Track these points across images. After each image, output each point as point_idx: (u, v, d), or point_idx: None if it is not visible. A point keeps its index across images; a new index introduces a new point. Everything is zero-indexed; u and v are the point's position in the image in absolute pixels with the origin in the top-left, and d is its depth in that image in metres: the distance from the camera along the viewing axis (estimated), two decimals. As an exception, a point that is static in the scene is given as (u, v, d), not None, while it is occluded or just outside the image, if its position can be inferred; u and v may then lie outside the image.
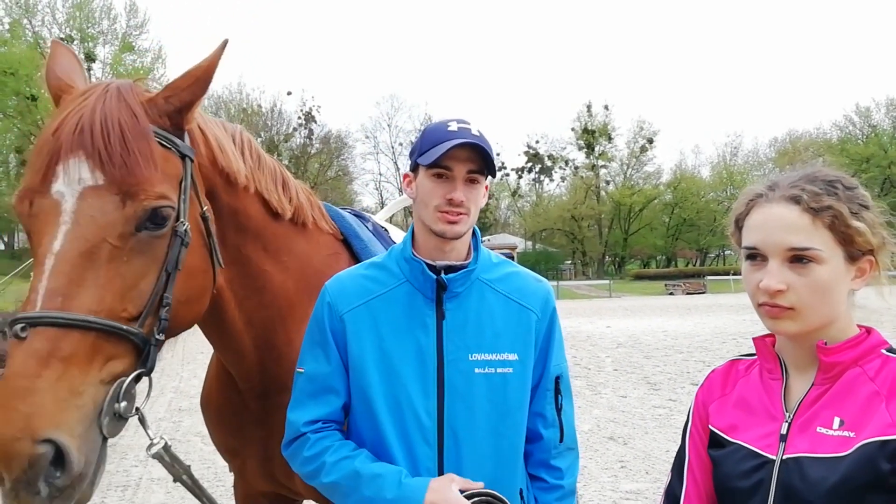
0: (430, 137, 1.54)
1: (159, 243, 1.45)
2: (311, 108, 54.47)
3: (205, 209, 1.60)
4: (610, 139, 63.57)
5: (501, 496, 1.46)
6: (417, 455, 1.51)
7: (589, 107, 63.81)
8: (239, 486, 2.25)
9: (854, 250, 1.16)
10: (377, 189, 61.00)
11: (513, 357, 1.56)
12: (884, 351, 1.18)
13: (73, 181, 1.38)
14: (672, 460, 1.43)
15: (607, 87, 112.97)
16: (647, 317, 20.95)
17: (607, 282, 42.69)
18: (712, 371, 1.41)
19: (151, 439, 1.50)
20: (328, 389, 1.57)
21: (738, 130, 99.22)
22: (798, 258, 1.15)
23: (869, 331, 1.21)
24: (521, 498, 1.59)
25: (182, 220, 1.49)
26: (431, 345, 1.54)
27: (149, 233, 1.42)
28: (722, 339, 13.94)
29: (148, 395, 1.49)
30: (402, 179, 1.69)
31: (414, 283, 1.57)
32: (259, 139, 53.57)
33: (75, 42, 38.93)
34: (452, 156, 1.50)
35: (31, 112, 37.22)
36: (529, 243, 62.80)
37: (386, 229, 2.55)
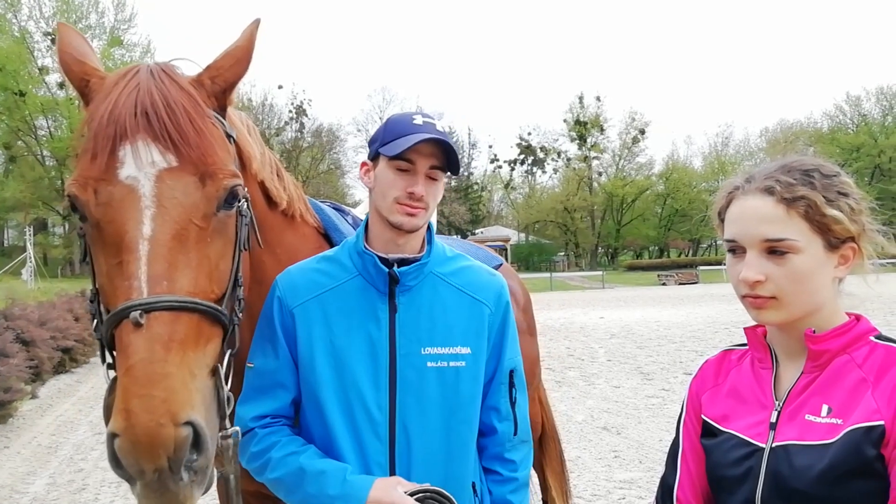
0: (394, 129, 1.53)
1: (231, 223, 1.46)
2: (302, 102, 54.25)
3: (246, 190, 1.59)
4: (602, 130, 63.65)
5: (447, 494, 1.44)
6: (368, 450, 1.50)
7: (581, 98, 63.90)
8: (223, 484, 2.24)
9: (833, 238, 1.16)
10: (369, 182, 60.67)
11: (465, 350, 1.56)
12: (872, 338, 1.18)
13: (144, 165, 1.35)
14: (665, 449, 1.44)
15: (599, 79, 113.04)
16: (639, 307, 21.04)
17: (600, 273, 42.84)
18: (705, 361, 1.42)
19: (224, 427, 1.41)
20: (276, 384, 1.56)
21: (729, 121, 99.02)
22: (775, 249, 1.15)
23: (858, 318, 1.22)
24: (474, 491, 1.59)
25: (242, 199, 1.49)
26: (384, 339, 1.53)
27: (225, 212, 1.43)
28: (714, 329, 14.02)
29: (227, 376, 1.47)
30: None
31: (366, 276, 1.56)
32: (250, 133, 52.81)
33: (63, 36, 38.51)
34: (417, 150, 1.50)
35: (18, 108, 36.91)
36: (522, 235, 62.90)
37: None
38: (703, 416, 1.34)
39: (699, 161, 66.27)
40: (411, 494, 1.41)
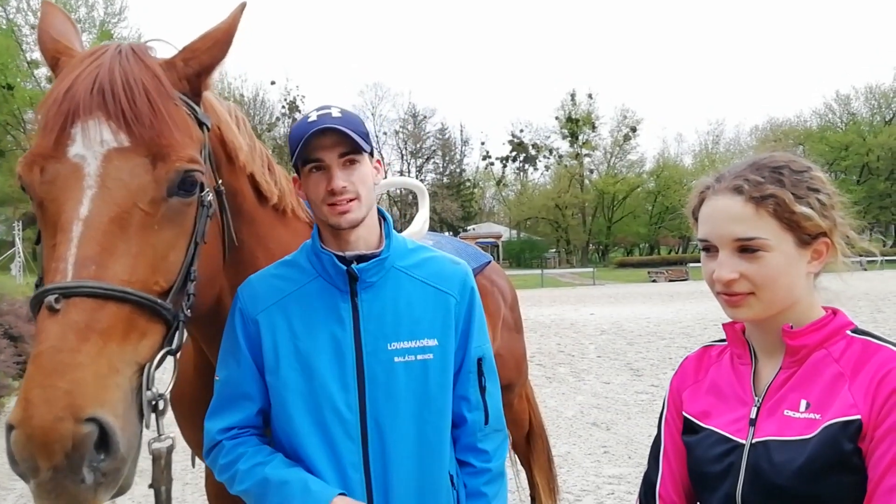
0: (295, 135, 1.50)
1: (188, 212, 1.37)
2: (295, 98, 54.02)
3: (220, 182, 1.53)
4: (594, 128, 63.71)
5: None
6: (341, 451, 1.48)
7: (573, 95, 63.89)
8: (211, 484, 2.21)
9: (804, 235, 1.16)
10: (361, 178, 60.47)
11: (432, 343, 1.54)
12: (849, 332, 1.19)
13: (94, 143, 1.27)
14: (652, 444, 1.44)
15: (591, 76, 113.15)
16: (630, 304, 21.12)
17: (591, 270, 42.95)
18: (686, 358, 1.42)
19: (160, 433, 1.35)
20: (241, 395, 1.54)
21: (719, 119, 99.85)
22: (746, 247, 1.16)
23: (835, 312, 1.22)
24: (452, 483, 1.58)
25: (206, 189, 1.42)
26: (349, 338, 1.51)
27: (179, 199, 1.34)
28: (704, 326, 14.10)
29: (173, 378, 1.39)
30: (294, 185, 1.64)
31: (325, 277, 1.54)
32: (241, 128, 52.63)
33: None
34: (318, 145, 1.47)
35: (7, 102, 36.51)
36: (514, 232, 62.96)
37: None
38: (683, 413, 1.35)
39: (690, 159, 66.52)
40: None
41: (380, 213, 1.63)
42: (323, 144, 1.47)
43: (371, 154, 1.55)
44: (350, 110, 1.55)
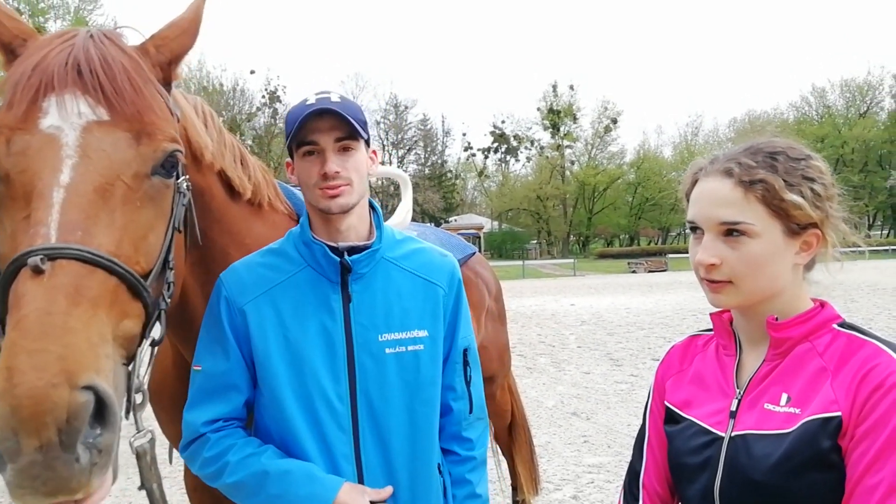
0: (290, 118, 1.47)
1: (167, 195, 1.32)
2: (276, 88, 53.37)
3: (185, 177, 1.47)
4: (575, 119, 63.89)
5: None
6: (332, 442, 1.47)
7: (555, 87, 63.97)
8: (189, 477, 2.19)
9: (793, 224, 1.13)
10: (342, 169, 60.04)
11: (423, 334, 1.54)
12: (835, 326, 1.16)
13: (70, 115, 1.20)
14: (634, 434, 1.43)
15: (573, 68, 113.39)
16: (610, 294, 21.27)
17: (572, 261, 43.15)
18: (672, 346, 1.40)
19: (139, 428, 1.26)
20: (228, 386, 1.50)
21: (698, 111, 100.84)
22: (730, 231, 1.14)
23: (823, 305, 1.19)
24: (440, 472, 1.60)
25: (184, 177, 1.37)
26: (339, 329, 1.49)
27: (161, 179, 1.29)
28: (682, 316, 14.25)
29: (148, 370, 1.32)
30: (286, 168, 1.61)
31: (316, 267, 1.51)
32: (221, 118, 52.02)
33: (24, 16, 37.26)
34: (315, 128, 1.44)
35: None
36: (496, 223, 63.05)
37: None
38: (665, 402, 1.33)
39: (669, 150, 67.14)
40: None
41: (369, 203, 1.61)
42: (319, 127, 1.44)
43: (367, 143, 1.54)
44: (350, 98, 1.52)
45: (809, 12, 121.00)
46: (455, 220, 56.62)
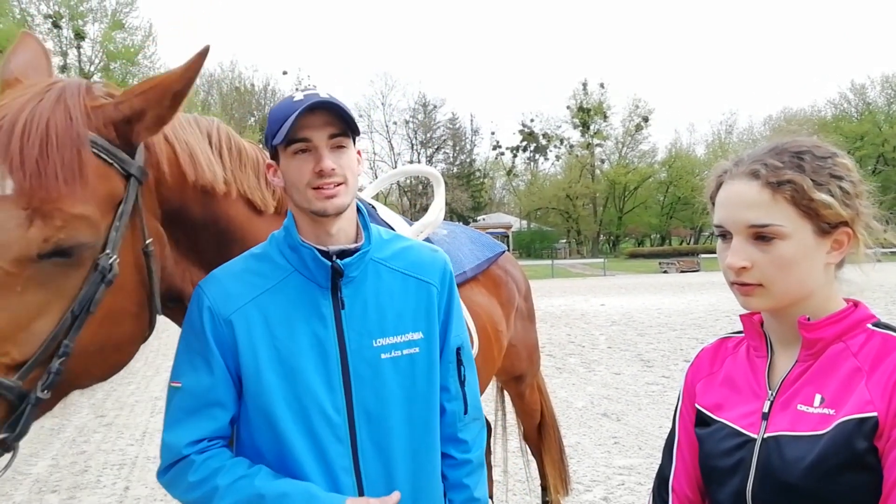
0: (277, 116, 1.37)
1: (71, 276, 1.21)
2: (306, 88, 53.91)
3: (148, 243, 1.37)
4: (605, 117, 63.31)
5: None
6: (330, 455, 1.39)
7: (585, 85, 63.47)
8: None
9: (823, 223, 1.11)
10: (371, 168, 60.57)
11: (417, 336, 1.47)
12: (869, 325, 1.14)
13: None
14: (665, 436, 1.41)
15: (603, 65, 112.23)
16: (641, 295, 21.04)
17: (602, 260, 42.79)
18: (702, 349, 1.38)
19: None
20: (212, 403, 1.40)
21: (733, 108, 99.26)
22: (761, 235, 1.12)
23: (856, 304, 1.17)
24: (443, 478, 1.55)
25: (108, 252, 1.25)
26: (331, 336, 1.41)
27: (57, 261, 1.18)
28: (715, 317, 14.02)
29: (6, 467, 1.21)
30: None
31: (304, 272, 1.42)
32: (252, 118, 53.16)
33: (64, 19, 38.30)
34: (307, 125, 1.34)
35: (20, 91, 36.56)
36: (524, 222, 62.79)
37: (374, 206, 2.37)
38: (696, 405, 1.31)
39: (702, 149, 66.06)
40: None
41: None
42: (312, 124, 1.35)
43: (354, 142, 1.47)
44: (336, 96, 1.45)
45: (849, 6, 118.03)
46: (483, 220, 56.56)
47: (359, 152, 1.47)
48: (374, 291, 1.46)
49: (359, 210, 1.52)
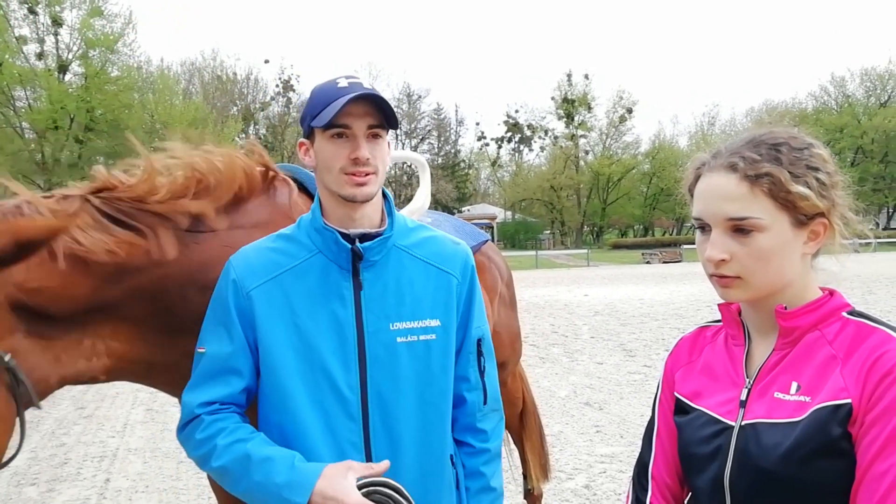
0: (320, 98, 1.43)
1: None
2: (289, 77, 53.48)
3: (7, 358, 1.37)
4: (590, 109, 63.42)
5: (397, 484, 1.38)
6: (340, 431, 1.44)
7: (569, 76, 63.52)
8: (220, 491, 2.19)
9: (800, 215, 1.13)
10: (355, 158, 60.07)
11: (435, 323, 1.52)
12: (844, 314, 1.16)
13: None
14: (646, 425, 1.44)
15: (588, 57, 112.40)
16: (623, 285, 21.20)
17: (585, 251, 42.99)
18: (681, 338, 1.40)
19: None
20: (229, 370, 1.47)
21: (715, 100, 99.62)
22: (739, 227, 1.13)
23: (832, 293, 1.19)
24: (452, 464, 1.58)
25: None
26: (350, 317, 1.46)
27: None
28: (696, 307, 14.17)
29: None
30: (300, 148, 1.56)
31: (327, 253, 1.48)
32: (234, 108, 52.59)
33: (40, 5, 37.53)
34: (349, 112, 1.40)
35: (-5, 78, 35.90)
36: (509, 213, 62.92)
37: None
38: (675, 394, 1.33)
39: (685, 140, 66.37)
40: (363, 486, 1.35)
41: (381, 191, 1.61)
42: (354, 112, 1.41)
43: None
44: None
45: (830, 0, 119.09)
46: (468, 210, 56.58)
47: (388, 144, 1.52)
48: (395, 277, 1.51)
49: (385, 197, 1.57)
